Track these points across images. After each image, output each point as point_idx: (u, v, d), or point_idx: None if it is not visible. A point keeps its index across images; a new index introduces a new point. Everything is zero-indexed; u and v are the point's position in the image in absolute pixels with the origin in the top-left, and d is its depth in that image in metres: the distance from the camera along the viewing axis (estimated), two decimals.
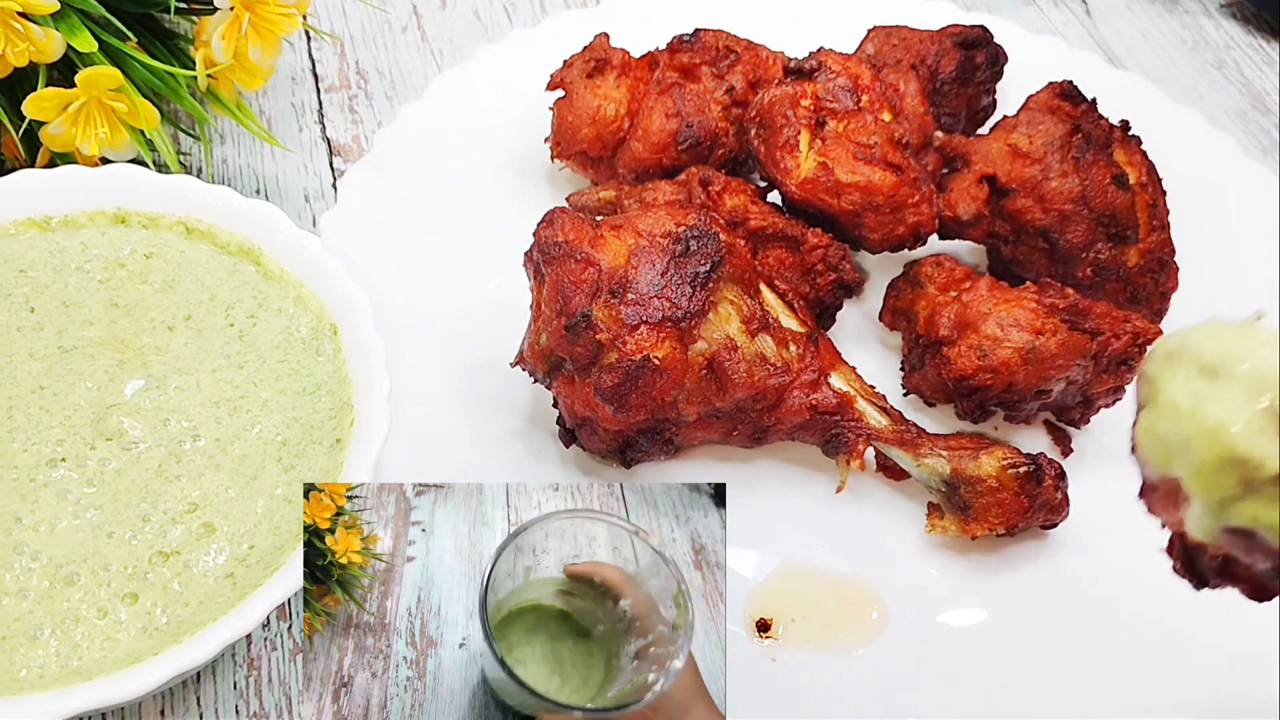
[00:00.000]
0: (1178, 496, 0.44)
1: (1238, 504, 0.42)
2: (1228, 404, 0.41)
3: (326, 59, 1.04)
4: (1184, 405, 0.43)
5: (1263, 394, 0.41)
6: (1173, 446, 0.43)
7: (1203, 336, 0.43)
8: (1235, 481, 0.41)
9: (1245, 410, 0.41)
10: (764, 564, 0.72)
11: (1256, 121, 1.05)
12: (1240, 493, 0.42)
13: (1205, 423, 0.42)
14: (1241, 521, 0.42)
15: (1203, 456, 0.42)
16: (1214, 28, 1.14)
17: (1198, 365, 0.43)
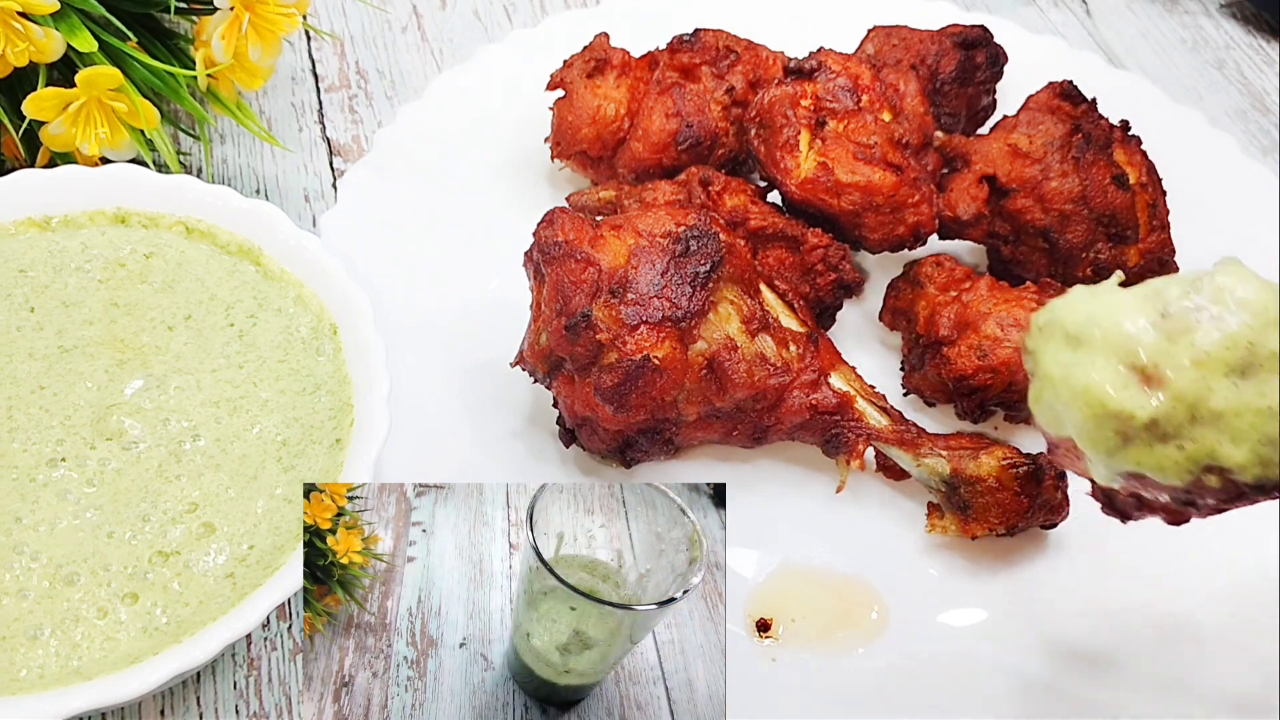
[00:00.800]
0: (1077, 451, 0.49)
1: (1121, 453, 0.47)
2: (1093, 368, 0.47)
3: (326, 59, 1.04)
4: (1057, 375, 0.48)
5: (1119, 353, 0.46)
6: (1058, 411, 0.48)
7: (1066, 308, 0.49)
8: (1113, 434, 0.47)
9: (1108, 371, 0.46)
10: (764, 564, 0.72)
11: (1256, 121, 1.05)
12: (1120, 443, 0.47)
13: (1077, 387, 0.47)
14: (1129, 466, 0.47)
15: (1082, 417, 0.47)
16: (1214, 28, 1.14)
17: (1064, 335, 0.48)
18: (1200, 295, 0.47)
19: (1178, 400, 0.45)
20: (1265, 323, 0.46)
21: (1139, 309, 0.47)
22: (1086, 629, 0.70)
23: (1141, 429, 0.46)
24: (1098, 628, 0.70)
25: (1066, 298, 0.49)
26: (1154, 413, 0.46)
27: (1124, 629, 0.70)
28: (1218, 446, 0.45)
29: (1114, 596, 0.71)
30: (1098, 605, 0.71)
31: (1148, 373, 0.46)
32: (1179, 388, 0.45)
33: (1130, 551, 0.73)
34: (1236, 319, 0.46)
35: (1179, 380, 0.45)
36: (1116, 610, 0.71)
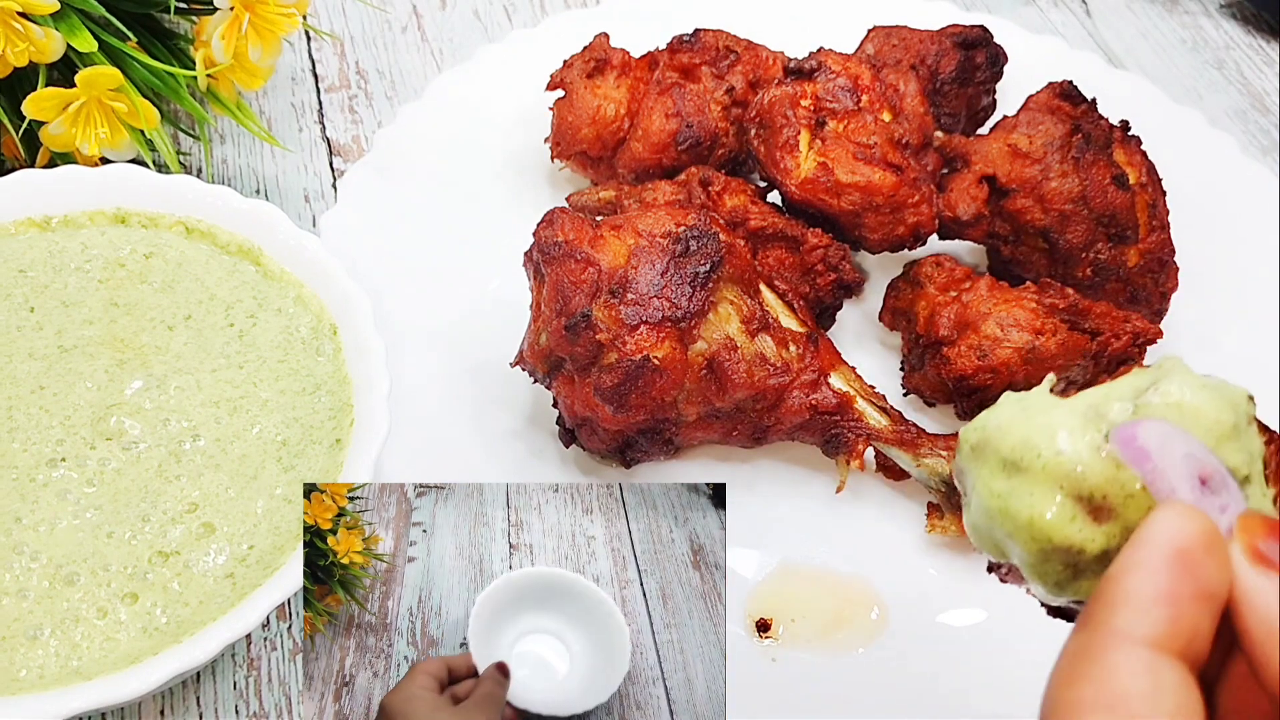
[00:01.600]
0: (1021, 575, 0.44)
1: (1072, 585, 0.43)
2: (1035, 499, 0.42)
3: (326, 59, 1.04)
4: (995, 505, 0.43)
5: (1063, 482, 0.41)
6: (998, 540, 0.44)
7: (999, 430, 0.43)
8: (1063, 567, 0.42)
9: (1052, 502, 0.41)
10: (764, 564, 0.72)
11: (1256, 121, 1.05)
12: (1070, 576, 0.42)
13: (1020, 520, 0.42)
14: (1080, 596, 0.43)
15: (1026, 549, 0.42)
16: (1214, 28, 1.14)
17: (999, 460, 0.43)
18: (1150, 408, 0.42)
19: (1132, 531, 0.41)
20: (1219, 439, 0.42)
21: (1081, 430, 0.42)
22: None
23: (1094, 562, 0.42)
24: None
25: (997, 414, 0.44)
26: (1106, 543, 0.41)
27: None
28: None
29: None
30: None
31: (1095, 504, 0.41)
32: (1132, 519, 0.41)
33: None
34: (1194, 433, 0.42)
35: (1130, 511, 0.41)
36: None
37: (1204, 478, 0.41)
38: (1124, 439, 0.41)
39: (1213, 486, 0.41)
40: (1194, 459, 0.41)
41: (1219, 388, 0.43)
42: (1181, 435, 0.41)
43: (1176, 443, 0.41)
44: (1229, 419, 0.42)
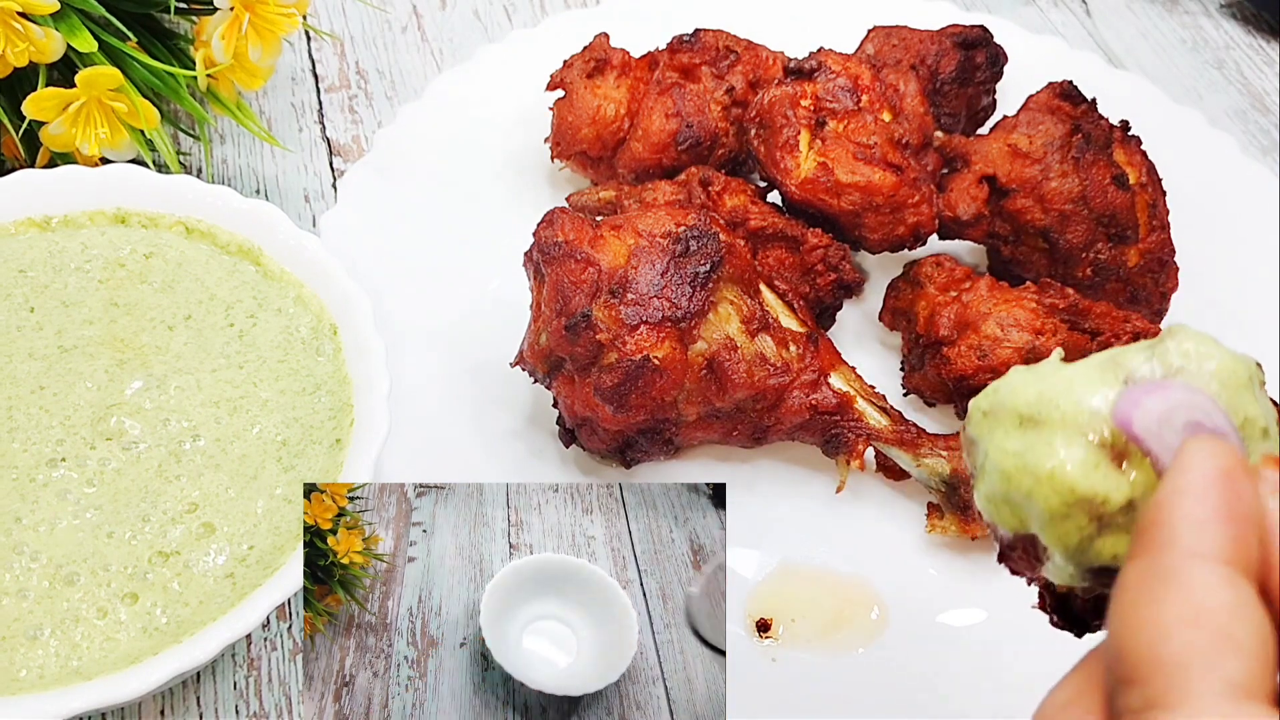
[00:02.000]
0: (1036, 551, 0.43)
1: (1095, 543, 0.41)
2: (1055, 448, 0.41)
3: (326, 59, 1.04)
4: (1011, 463, 0.42)
5: (1085, 430, 0.41)
6: (1017, 504, 0.43)
7: (1011, 390, 0.43)
8: (1087, 521, 0.41)
9: (1075, 450, 0.41)
10: (764, 564, 0.72)
11: (1256, 121, 1.05)
12: (1095, 531, 0.41)
13: (1040, 473, 0.41)
14: (1102, 560, 0.42)
15: (1048, 505, 0.41)
16: (1214, 28, 1.14)
17: (1015, 418, 0.42)
18: (1169, 358, 0.42)
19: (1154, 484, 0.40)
20: (1235, 388, 0.41)
21: (1099, 379, 0.41)
22: None
23: (1118, 513, 0.40)
24: None
25: (1008, 380, 0.43)
26: (1131, 493, 0.40)
27: None
28: None
29: None
30: None
31: (1119, 449, 0.40)
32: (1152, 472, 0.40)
33: None
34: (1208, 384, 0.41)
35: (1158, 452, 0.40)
36: None
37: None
38: (1122, 419, 0.40)
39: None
40: (1196, 426, 0.40)
41: (1226, 348, 0.42)
42: (1186, 398, 0.41)
43: (1181, 410, 0.40)
44: (1243, 371, 0.42)
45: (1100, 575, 0.42)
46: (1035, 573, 0.45)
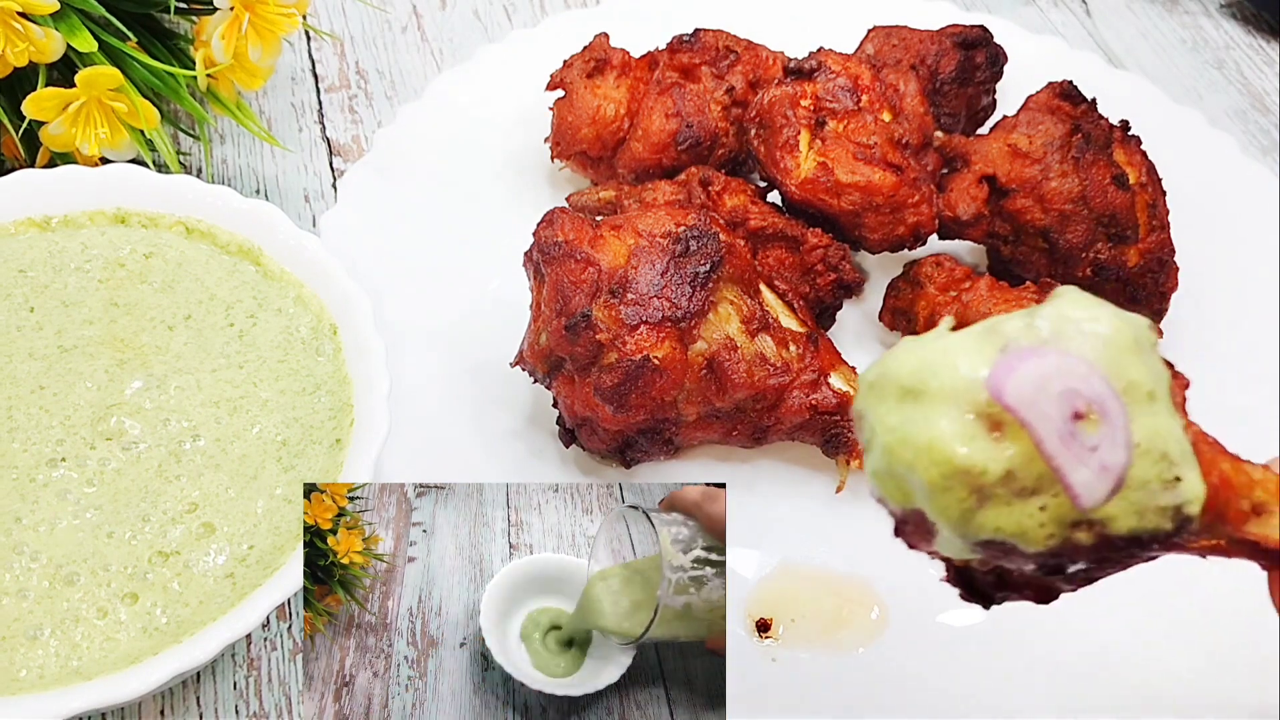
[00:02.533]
0: (926, 526, 0.43)
1: (977, 515, 0.41)
2: (934, 420, 0.40)
3: (326, 59, 1.04)
4: (893, 437, 0.41)
5: (961, 401, 0.40)
6: (901, 478, 0.42)
7: (895, 360, 0.42)
8: (967, 493, 0.40)
9: (952, 422, 0.40)
10: (764, 564, 0.72)
11: (1256, 121, 1.05)
12: (975, 503, 0.41)
13: (919, 445, 0.40)
14: (986, 533, 0.41)
15: (928, 478, 0.41)
16: (1214, 28, 1.14)
17: (897, 390, 0.41)
18: (1044, 326, 0.41)
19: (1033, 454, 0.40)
20: (1118, 351, 0.40)
21: (977, 348, 0.41)
22: (1085, 629, 0.70)
23: (997, 484, 0.40)
24: (1097, 628, 0.70)
25: (894, 350, 0.43)
26: (1009, 464, 0.40)
27: (1123, 629, 0.70)
28: None
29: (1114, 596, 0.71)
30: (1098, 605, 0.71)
31: (995, 419, 0.40)
32: (1029, 440, 0.40)
33: None
34: (1088, 348, 0.40)
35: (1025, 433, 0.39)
36: (1116, 610, 0.70)
37: (1081, 412, 0.40)
38: (994, 389, 0.40)
39: (1089, 422, 0.40)
40: (1072, 394, 0.40)
41: (1115, 309, 0.42)
42: (1062, 365, 0.40)
43: (1055, 377, 0.40)
44: (1129, 333, 0.41)
45: (989, 548, 0.42)
46: (930, 547, 0.44)
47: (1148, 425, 0.40)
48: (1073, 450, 0.39)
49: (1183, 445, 0.41)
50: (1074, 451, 0.39)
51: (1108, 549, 0.41)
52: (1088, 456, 0.39)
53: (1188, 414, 0.43)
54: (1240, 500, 0.42)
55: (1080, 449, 0.39)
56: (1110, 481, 0.40)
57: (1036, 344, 0.40)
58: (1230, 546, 0.43)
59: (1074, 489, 0.40)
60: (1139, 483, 0.40)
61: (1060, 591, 0.44)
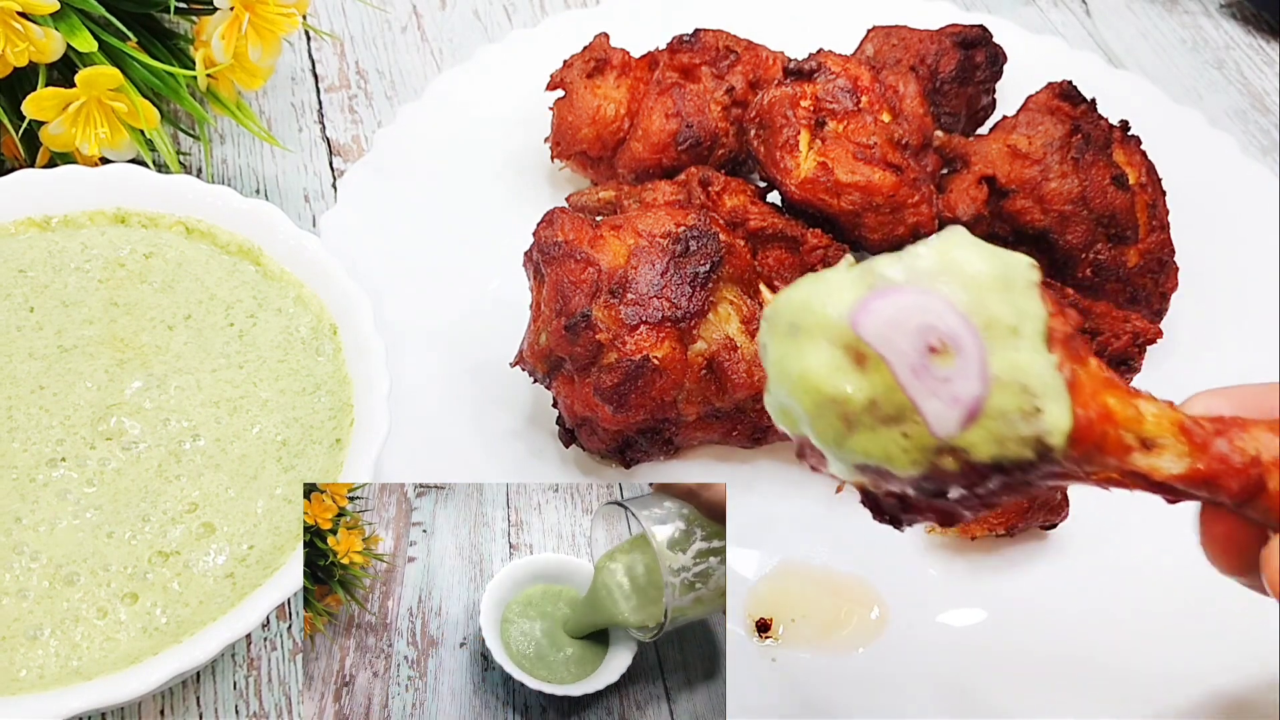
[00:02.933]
0: (816, 450, 0.46)
1: (848, 441, 0.44)
2: (807, 353, 0.43)
3: (326, 59, 1.04)
4: (777, 367, 0.45)
5: (830, 334, 0.43)
6: (788, 407, 0.45)
7: (786, 298, 0.45)
8: (837, 421, 0.43)
9: (822, 354, 0.43)
10: (764, 564, 0.72)
11: (1256, 121, 1.05)
12: (845, 429, 0.44)
13: (794, 375, 0.44)
14: (859, 458, 0.44)
15: (804, 406, 0.44)
16: (1214, 28, 1.14)
17: (786, 326, 0.45)
18: (913, 264, 0.43)
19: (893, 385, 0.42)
20: (982, 289, 0.43)
21: (851, 286, 0.44)
22: (1086, 629, 0.70)
23: (862, 412, 0.43)
24: (1098, 628, 0.70)
25: (790, 287, 0.46)
26: (871, 393, 0.42)
27: (1123, 629, 0.70)
28: None
29: (1114, 597, 0.71)
30: (1098, 605, 0.71)
31: (860, 353, 0.43)
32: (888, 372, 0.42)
33: (1130, 552, 0.73)
34: (951, 287, 0.43)
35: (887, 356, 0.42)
36: (1116, 610, 0.71)
37: (935, 346, 0.42)
38: (854, 323, 0.43)
39: (943, 355, 0.42)
40: (926, 328, 0.42)
41: (992, 249, 0.44)
42: (918, 302, 0.42)
43: (910, 313, 0.42)
44: (993, 271, 0.43)
45: (866, 471, 0.44)
46: (826, 470, 0.47)
47: (1008, 359, 0.42)
48: (925, 382, 0.42)
49: (1048, 379, 0.42)
50: (926, 383, 0.42)
51: (976, 475, 0.43)
52: (940, 388, 0.42)
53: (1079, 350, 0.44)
54: (1124, 433, 0.44)
55: (933, 381, 0.42)
56: (962, 412, 0.42)
57: (901, 282, 0.43)
58: (1125, 479, 0.45)
59: (927, 418, 0.42)
60: (998, 413, 0.42)
61: (959, 516, 0.46)
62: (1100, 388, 0.44)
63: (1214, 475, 0.44)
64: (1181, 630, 0.69)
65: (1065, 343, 0.43)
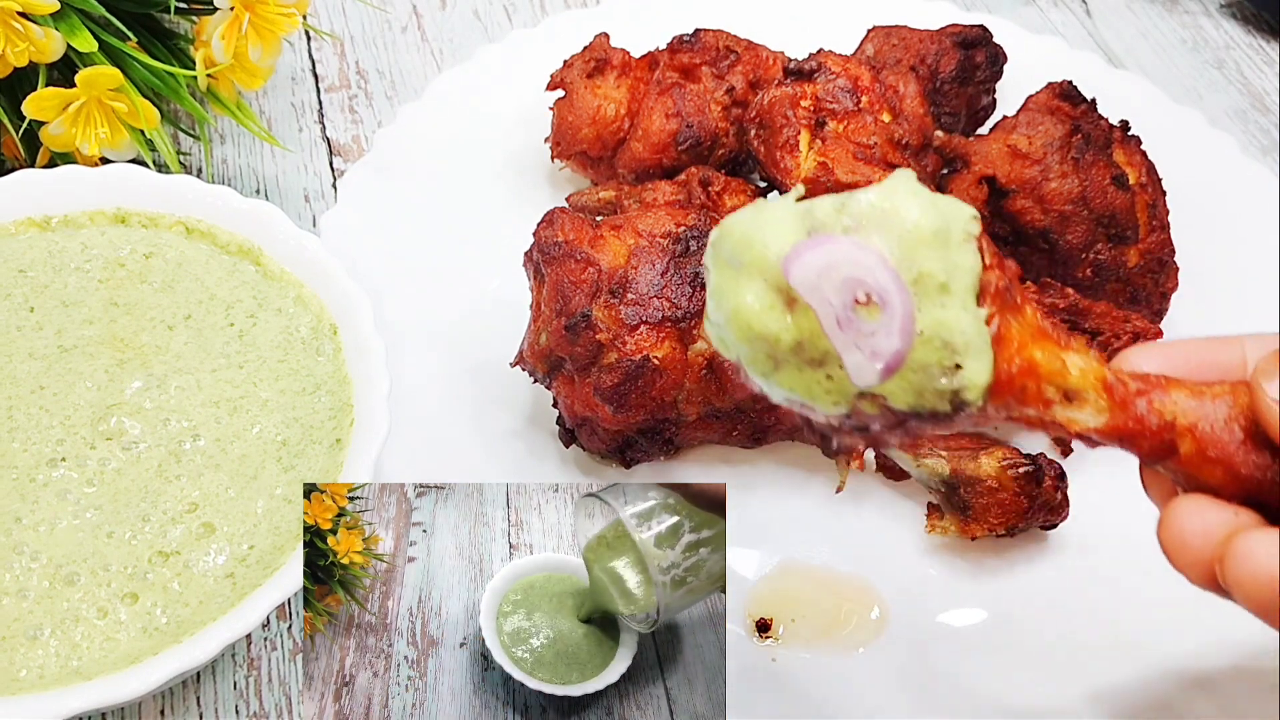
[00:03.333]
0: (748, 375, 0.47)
1: (774, 376, 0.45)
2: (743, 289, 0.44)
3: (326, 59, 1.04)
4: (716, 297, 0.45)
5: (765, 274, 0.44)
6: (723, 336, 0.46)
7: (729, 224, 0.45)
8: (765, 357, 0.44)
9: (756, 293, 0.44)
10: (764, 564, 0.72)
11: (1256, 121, 1.05)
12: (773, 366, 0.45)
13: (728, 309, 0.44)
14: (784, 393, 0.45)
15: (738, 338, 0.45)
16: (1214, 28, 1.14)
17: (727, 256, 0.45)
18: (852, 211, 0.44)
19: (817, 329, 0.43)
20: (916, 243, 0.43)
21: (790, 228, 0.44)
22: (1086, 629, 0.70)
23: (789, 353, 0.44)
24: (1097, 628, 0.70)
25: (738, 214, 0.46)
26: (798, 336, 0.43)
27: (1123, 629, 0.70)
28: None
29: (1113, 597, 0.71)
30: (1097, 605, 0.71)
31: (791, 296, 0.43)
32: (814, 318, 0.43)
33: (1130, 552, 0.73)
34: (885, 238, 0.43)
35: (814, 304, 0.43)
36: (1116, 611, 0.71)
37: (862, 300, 0.43)
38: (787, 269, 0.43)
39: (869, 309, 0.43)
40: (855, 281, 0.43)
41: (934, 200, 0.44)
42: (850, 255, 0.43)
43: (840, 266, 0.43)
44: (930, 225, 0.43)
45: (795, 405, 0.45)
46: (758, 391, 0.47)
47: (934, 315, 0.43)
48: (849, 334, 0.43)
49: (971, 335, 0.43)
50: (850, 335, 0.43)
51: (895, 419, 0.44)
52: (863, 341, 0.43)
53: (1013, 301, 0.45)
54: (1045, 387, 0.45)
55: (857, 333, 0.43)
56: (881, 365, 0.43)
57: (837, 230, 0.44)
58: (1045, 427, 0.46)
59: (848, 368, 0.43)
60: (918, 365, 0.43)
61: (884, 441, 0.46)
62: (1029, 339, 0.45)
63: (1128, 434, 0.45)
64: (1181, 630, 0.69)
65: (998, 295, 0.44)
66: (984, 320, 0.43)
